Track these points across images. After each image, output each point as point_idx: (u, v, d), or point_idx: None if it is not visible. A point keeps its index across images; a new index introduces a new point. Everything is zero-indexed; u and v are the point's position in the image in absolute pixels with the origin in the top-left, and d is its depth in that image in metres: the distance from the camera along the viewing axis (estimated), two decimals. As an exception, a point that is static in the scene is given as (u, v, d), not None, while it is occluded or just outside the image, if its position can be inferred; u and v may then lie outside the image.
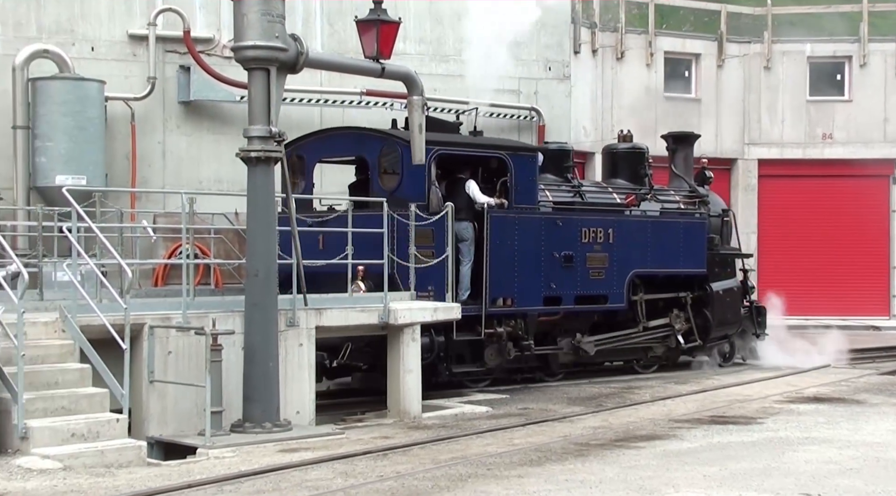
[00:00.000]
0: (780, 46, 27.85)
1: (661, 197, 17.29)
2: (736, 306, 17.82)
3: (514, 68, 21.06)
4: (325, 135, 14.98)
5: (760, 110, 27.84)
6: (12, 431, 9.08)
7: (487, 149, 14.60)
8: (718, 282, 17.40)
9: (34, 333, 9.93)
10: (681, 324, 16.84)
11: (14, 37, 16.78)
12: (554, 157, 16.22)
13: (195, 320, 10.70)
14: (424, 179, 13.47)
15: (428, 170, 13.45)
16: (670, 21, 28.11)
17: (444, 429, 11.56)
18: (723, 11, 27.75)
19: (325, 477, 8.75)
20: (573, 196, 15.98)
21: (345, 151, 14.67)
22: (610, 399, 14.00)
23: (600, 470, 9.07)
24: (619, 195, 16.74)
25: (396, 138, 13.74)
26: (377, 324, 12.35)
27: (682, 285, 16.95)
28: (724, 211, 18.43)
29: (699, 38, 27.82)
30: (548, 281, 14.76)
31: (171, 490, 8.22)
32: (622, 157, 17.60)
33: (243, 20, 10.78)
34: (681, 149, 18.59)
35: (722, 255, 17.84)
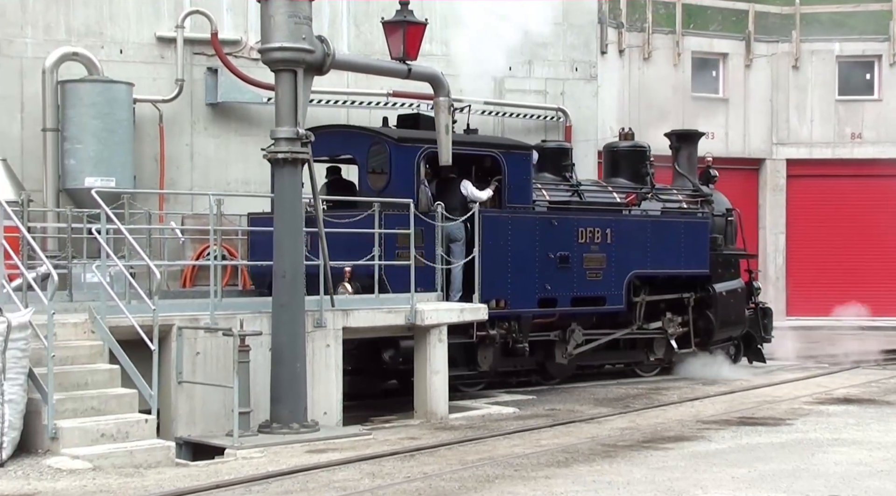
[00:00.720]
0: (809, 45, 27.66)
1: (663, 196, 16.93)
2: (740, 308, 17.35)
3: (540, 69, 21.04)
4: (317, 132, 14.60)
5: (789, 110, 27.66)
6: (43, 432, 9.14)
7: (479, 147, 14.21)
8: (722, 283, 16.99)
9: (64, 334, 10.00)
10: (674, 327, 16.32)
11: (44, 40, 16.92)
12: (552, 156, 15.91)
13: (223, 321, 10.74)
14: (413, 178, 13.19)
15: (416, 168, 13.21)
16: (698, 20, 27.99)
17: (471, 429, 11.55)
18: (751, 11, 27.60)
19: (353, 477, 8.77)
20: (571, 195, 15.64)
21: (333, 150, 14.19)
22: (637, 400, 13.95)
23: (628, 471, 9.04)
24: (619, 194, 16.40)
25: (384, 136, 13.46)
26: (404, 324, 12.36)
27: (684, 286, 16.54)
28: (727, 210, 17.99)
29: (727, 38, 27.68)
30: (542, 282, 14.30)
31: (199, 490, 8.26)
32: (623, 155, 17.19)
33: (270, 22, 10.82)
34: (684, 147, 18.22)
35: (725, 256, 17.44)
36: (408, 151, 13.22)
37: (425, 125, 13.87)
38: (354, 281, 12.55)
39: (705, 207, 17.37)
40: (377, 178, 13.50)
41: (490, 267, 13.58)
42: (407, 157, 13.20)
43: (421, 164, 13.33)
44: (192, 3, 17.80)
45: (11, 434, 8.94)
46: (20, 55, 16.85)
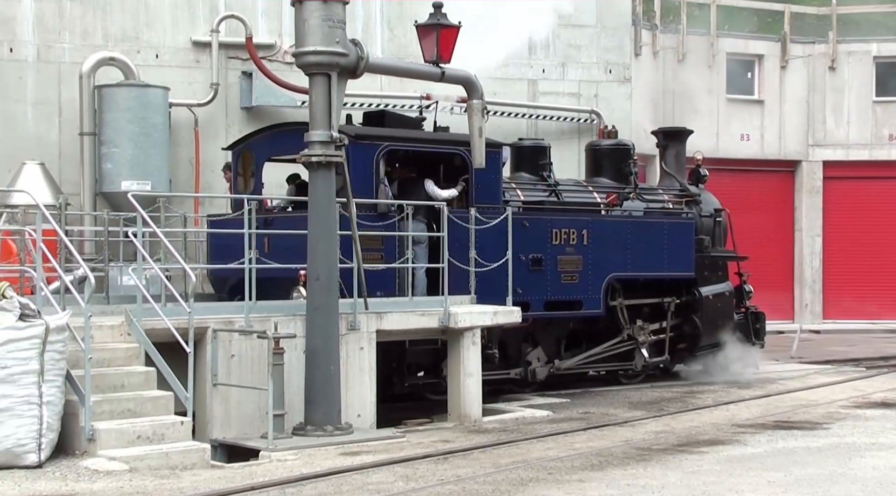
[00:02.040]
0: (846, 46, 27.42)
1: (648, 196, 16.25)
2: (728, 312, 16.62)
3: (573, 71, 21.00)
4: (273, 131, 13.93)
5: (825, 111, 27.43)
6: (80, 433, 9.23)
7: (442, 144, 13.43)
8: (708, 286, 16.31)
9: (101, 337, 10.09)
10: (645, 336, 15.49)
11: (81, 45, 17.09)
12: (529, 155, 15.31)
13: (258, 324, 10.80)
14: (371, 177, 12.57)
15: (375, 167, 12.58)
16: (733, 22, 27.80)
17: (505, 433, 11.54)
18: (786, 12, 27.40)
19: (386, 480, 8.78)
20: (548, 195, 14.99)
21: (293, 149, 13.77)
22: (672, 403, 13.88)
23: (662, 475, 8.99)
24: (600, 194, 15.68)
25: (341, 133, 12.76)
26: (437, 327, 12.37)
27: (668, 290, 15.84)
28: (716, 211, 17.20)
29: (762, 39, 27.50)
30: (513, 285, 13.27)
31: (234, 492, 8.31)
32: (606, 154, 16.43)
33: (304, 26, 10.87)
34: (672, 145, 17.55)
35: (712, 258, 16.67)
36: (366, 149, 12.55)
37: (391, 122, 13.45)
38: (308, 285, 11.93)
39: (692, 208, 16.71)
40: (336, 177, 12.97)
41: (455, 269, 12.71)
42: (365, 156, 12.51)
43: (380, 162, 12.67)
44: (227, 7, 17.93)
45: (49, 435, 9.03)
46: (58, 60, 17.04)
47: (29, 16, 17.01)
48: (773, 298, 27.03)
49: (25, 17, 17.03)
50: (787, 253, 27.70)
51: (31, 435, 8.89)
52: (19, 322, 9.03)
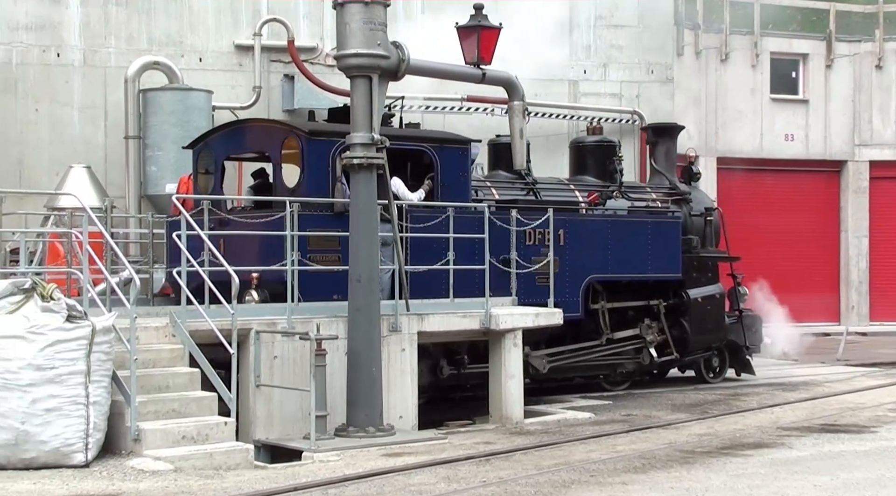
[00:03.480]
0: (893, 44, 27.05)
1: (633, 194, 15.54)
2: (718, 315, 15.99)
3: (615, 72, 20.92)
4: (231, 128, 13.37)
5: (872, 111, 27.08)
6: (126, 433, 9.33)
7: (406, 141, 12.76)
8: (697, 288, 15.65)
9: (146, 338, 10.19)
10: (653, 335, 15.03)
11: (126, 49, 17.30)
12: (507, 153, 14.19)
13: (300, 325, 10.86)
14: (328, 175, 12.03)
15: (332, 164, 12.04)
16: (776, 21, 27.55)
17: (547, 434, 11.51)
18: (831, 10, 27.10)
19: (428, 481, 8.79)
20: (526, 194, 14.45)
21: (250, 147, 13.21)
22: (715, 406, 13.78)
23: (706, 478, 8.93)
24: (581, 193, 15.10)
25: (296, 130, 12.36)
26: (478, 329, 12.37)
27: (654, 292, 15.18)
28: (707, 209, 16.51)
29: (807, 38, 27.21)
30: (482, 288, 12.50)
31: (277, 492, 8.36)
32: (590, 151, 15.75)
33: (346, 29, 10.91)
34: (661, 142, 16.87)
35: (701, 259, 15.97)
36: (322, 146, 12.02)
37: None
38: (262, 288, 11.49)
39: (682, 206, 16.09)
40: (291, 175, 12.43)
41: (421, 272, 12.23)
42: (321, 152, 11.99)
43: (337, 159, 11.96)
44: (269, 11, 18.06)
45: (96, 435, 9.14)
46: (104, 65, 17.26)
47: (75, 21, 17.25)
48: (819, 300, 26.78)
49: (72, 23, 17.27)
50: (833, 254, 27.38)
51: (78, 435, 9.00)
52: (66, 323, 9.15)
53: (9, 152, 17.00)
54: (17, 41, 17.09)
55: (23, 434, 8.86)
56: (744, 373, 16.71)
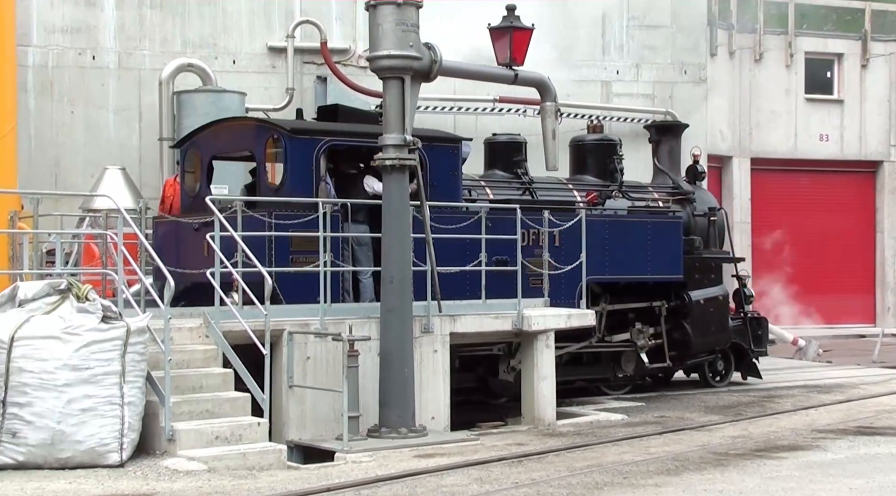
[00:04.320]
0: (929, 44, 26.84)
1: (634, 194, 15.20)
2: (722, 318, 15.55)
3: (648, 72, 20.84)
4: (217, 127, 13.05)
5: (908, 110, 26.87)
6: (160, 433, 9.39)
7: None
8: (699, 290, 15.23)
9: (180, 339, 10.25)
10: (644, 340, 14.57)
11: (160, 52, 17.44)
12: (503, 151, 14.48)
13: (332, 326, 10.89)
14: (312, 174, 11.73)
15: (315, 163, 11.76)
16: (811, 20, 27.37)
17: (579, 436, 11.48)
18: (867, 9, 26.88)
19: (461, 482, 8.79)
20: (522, 194, 14.10)
21: (235, 146, 12.92)
22: (749, 408, 13.69)
23: (740, 480, 8.87)
24: (580, 192, 14.76)
25: (279, 128, 12.00)
26: (511, 330, 12.36)
27: (655, 294, 14.75)
28: (710, 210, 16.07)
29: (842, 38, 27.01)
30: (474, 290, 12.29)
31: (310, 493, 8.39)
32: (590, 150, 15.35)
33: (378, 30, 10.94)
34: (665, 140, 16.50)
35: (704, 260, 15.53)
36: (305, 144, 11.74)
37: (344, 117, 12.79)
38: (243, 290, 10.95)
39: (686, 206, 15.72)
40: (274, 174, 12.24)
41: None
42: (304, 151, 11.71)
43: (321, 158, 11.82)
44: (302, 13, 18.14)
45: (131, 435, 9.21)
46: (138, 67, 17.41)
47: (111, 24, 17.41)
48: (854, 302, 26.57)
49: (107, 26, 17.43)
50: (868, 255, 27.17)
51: (113, 434, 9.07)
52: (102, 324, 9.22)
53: (45, 154, 17.18)
54: (54, 44, 17.27)
55: (59, 434, 8.94)
56: (750, 377, 16.30)
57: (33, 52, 17.12)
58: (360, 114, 13.45)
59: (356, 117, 13.07)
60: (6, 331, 9.05)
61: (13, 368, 8.97)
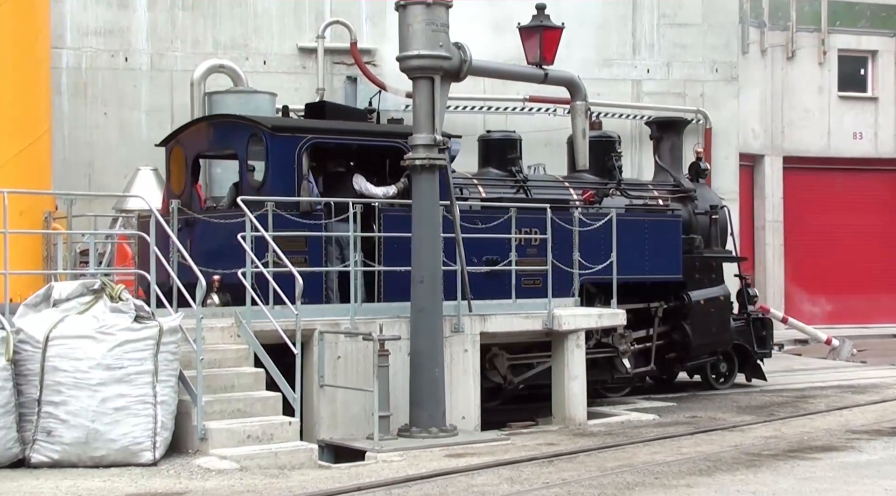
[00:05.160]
0: (965, 40, 26.53)
1: (634, 192, 14.84)
2: (723, 318, 15.19)
3: (679, 70, 20.75)
4: (201, 125, 12.93)
5: (944, 107, 26.57)
6: (192, 432, 9.45)
7: (378, 137, 12.24)
8: (699, 290, 14.87)
9: (212, 338, 10.30)
10: (626, 345, 13.90)
11: (192, 53, 17.55)
12: (497, 149, 14.15)
13: (363, 326, 10.91)
14: (293, 173, 11.52)
15: (297, 162, 11.52)
16: (844, 17, 27.11)
17: (610, 436, 11.45)
18: (901, 5, 26.63)
19: (491, 482, 8.79)
20: (516, 192, 13.74)
21: (219, 144, 12.71)
22: (782, 408, 13.60)
23: (773, 481, 8.81)
24: (576, 190, 14.38)
25: (260, 126, 11.75)
26: (541, 330, 12.34)
27: (653, 294, 14.37)
28: (712, 208, 15.68)
29: (876, 35, 26.73)
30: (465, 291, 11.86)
31: (341, 492, 8.41)
32: (589, 147, 14.94)
33: (408, 30, 10.95)
34: (666, 137, 16.02)
35: (705, 259, 15.16)
36: (286, 142, 11.53)
37: (332, 114, 12.57)
38: (224, 291, 11.13)
39: (688, 204, 15.37)
40: (256, 173, 11.94)
41: (395, 274, 11.58)
42: (286, 149, 11.50)
43: (303, 156, 11.58)
44: (332, 13, 18.19)
45: (164, 434, 9.27)
46: (170, 68, 17.53)
47: (143, 26, 17.55)
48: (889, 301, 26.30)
49: (140, 28, 17.56)
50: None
51: (146, 433, 9.13)
52: (135, 323, 9.29)
53: (78, 155, 17.33)
54: (87, 46, 17.42)
55: (93, 432, 9.02)
56: (755, 378, 16.03)
57: (67, 55, 17.28)
58: (348, 111, 13.28)
59: (345, 114, 12.87)
60: (41, 330, 9.14)
61: (48, 367, 9.06)
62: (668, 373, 15.53)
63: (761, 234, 25.47)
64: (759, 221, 25.45)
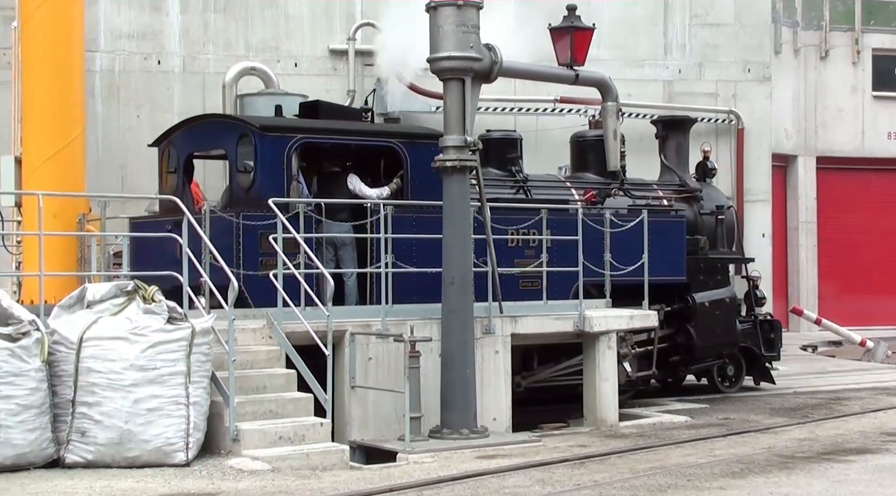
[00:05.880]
0: None
1: (637, 192, 14.55)
2: (729, 321, 14.88)
3: (711, 71, 20.63)
4: (192, 124, 12.71)
5: (980, 106, 26.25)
6: (225, 433, 9.49)
7: (370, 137, 12.11)
8: (704, 292, 14.59)
9: (243, 340, 10.35)
10: (627, 348, 13.42)
11: (224, 55, 17.63)
12: (497, 148, 13.86)
13: (394, 327, 10.93)
14: (282, 173, 11.38)
15: (287, 162, 11.38)
16: (879, 16, 26.86)
17: (642, 438, 11.41)
18: (937, 3, 26.36)
19: (523, 484, 8.78)
20: (515, 192, 13.53)
21: (209, 144, 12.56)
22: (816, 410, 13.49)
23: (807, 483, 8.75)
24: (578, 191, 14.19)
25: (249, 125, 11.63)
26: (572, 331, 12.31)
27: (656, 296, 13.85)
28: (718, 208, 15.37)
29: (911, 33, 26.49)
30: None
31: (372, 493, 8.43)
32: (591, 146, 14.63)
33: (439, 32, 10.96)
34: (672, 136, 15.64)
35: (710, 261, 14.88)
36: (275, 142, 11.38)
37: (326, 114, 12.45)
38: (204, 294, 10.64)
39: (693, 205, 15.11)
40: (244, 174, 11.70)
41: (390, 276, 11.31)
42: (275, 149, 11.35)
43: (293, 156, 11.45)
44: (363, 15, 18.23)
45: (196, 435, 9.32)
46: (202, 71, 17.61)
47: (176, 29, 17.64)
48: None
49: (172, 31, 17.66)
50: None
51: (179, 434, 9.19)
52: (167, 325, 9.35)
53: (112, 157, 17.44)
54: (120, 49, 17.53)
55: (126, 433, 9.08)
56: (763, 382, 15.68)
57: (100, 58, 17.40)
58: (343, 110, 13.09)
59: (339, 114, 12.72)
60: (75, 332, 9.22)
61: (82, 368, 9.13)
62: (674, 376, 15.26)
63: (794, 234, 25.29)
64: (792, 222, 25.26)
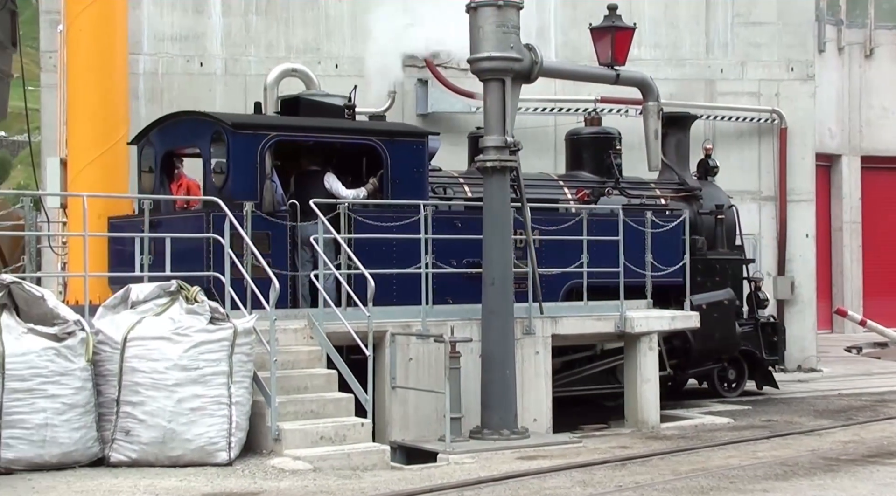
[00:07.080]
0: None
1: (633, 191, 14.19)
2: (728, 324, 14.43)
3: (753, 70, 20.46)
4: (170, 121, 12.49)
5: None
6: (266, 433, 9.56)
7: (349, 134, 11.86)
8: (702, 294, 14.13)
9: (285, 340, 10.41)
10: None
11: (265, 57, 17.73)
12: None
13: (434, 328, 10.95)
14: (255, 172, 11.11)
15: (260, 160, 11.13)
16: (925, 13, 26.55)
17: (684, 439, 11.34)
18: (984, 0, 25.98)
19: (563, 485, 8.75)
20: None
21: (184, 142, 12.28)
22: (861, 412, 13.35)
23: (852, 486, 8.65)
24: (571, 190, 13.87)
25: (222, 123, 11.35)
26: (613, 332, 12.27)
27: (652, 298, 13.34)
28: (718, 207, 14.96)
29: (958, 29, 26.12)
30: (443, 296, 11.53)
31: (413, 494, 8.44)
32: (586, 144, 14.44)
33: (479, 32, 10.97)
34: (672, 133, 15.15)
35: (708, 261, 14.50)
36: (248, 140, 11.14)
37: (307, 111, 12.31)
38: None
39: (692, 204, 14.73)
40: (218, 174, 11.42)
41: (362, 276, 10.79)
42: (247, 147, 11.13)
43: (266, 155, 11.21)
44: (402, 16, 18.24)
45: (238, 434, 9.38)
46: (244, 73, 17.72)
47: (218, 31, 17.77)
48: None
49: (214, 33, 17.79)
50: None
51: (221, 434, 9.25)
52: (210, 325, 9.42)
53: (155, 159, 17.59)
54: (163, 52, 17.69)
55: (170, 432, 9.16)
56: (766, 386, 15.35)
57: (144, 60, 17.56)
58: (324, 107, 12.73)
59: (320, 110, 12.47)
60: (120, 331, 9.32)
61: (126, 368, 9.23)
62: (674, 380, 14.72)
63: (839, 235, 25.01)
64: (837, 223, 25.00)
